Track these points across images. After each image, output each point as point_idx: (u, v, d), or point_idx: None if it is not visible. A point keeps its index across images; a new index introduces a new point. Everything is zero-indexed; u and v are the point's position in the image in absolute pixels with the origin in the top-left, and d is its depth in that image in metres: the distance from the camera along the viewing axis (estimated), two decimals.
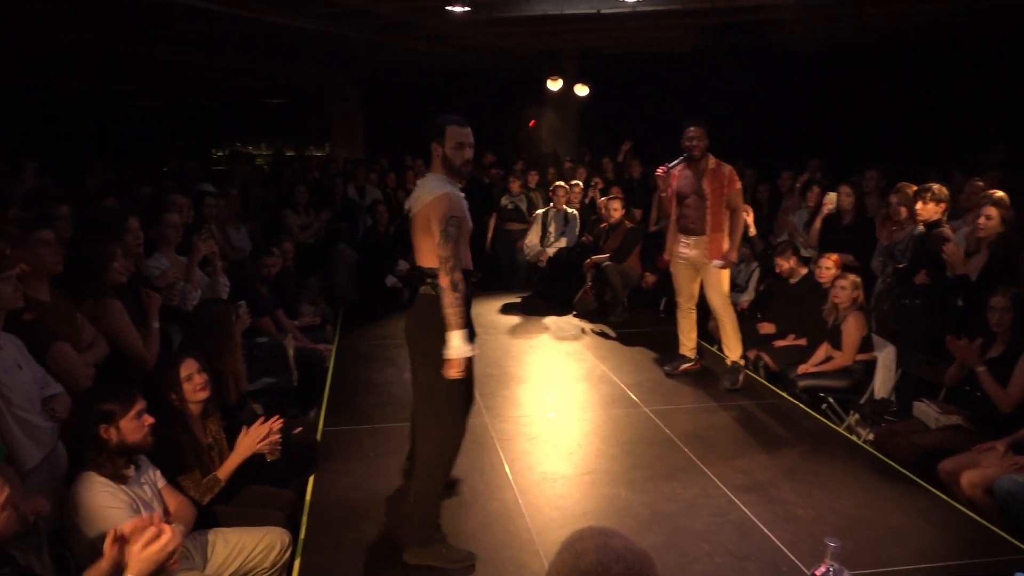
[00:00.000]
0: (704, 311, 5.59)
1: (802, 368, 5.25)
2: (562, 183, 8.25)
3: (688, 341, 5.52)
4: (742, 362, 5.30)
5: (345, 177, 9.14)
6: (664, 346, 6.36)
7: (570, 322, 7.25)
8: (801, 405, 5.03)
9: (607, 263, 7.22)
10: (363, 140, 13.53)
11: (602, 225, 7.65)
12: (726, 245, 5.12)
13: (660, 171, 5.19)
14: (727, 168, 5.09)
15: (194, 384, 3.32)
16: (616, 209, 7.40)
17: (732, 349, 5.28)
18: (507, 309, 7.73)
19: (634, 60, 11.02)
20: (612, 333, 6.82)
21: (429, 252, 2.98)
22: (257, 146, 16.40)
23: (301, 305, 6.27)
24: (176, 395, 3.27)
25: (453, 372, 2.92)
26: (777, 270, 5.87)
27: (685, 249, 5.24)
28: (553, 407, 4.99)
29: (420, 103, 13.40)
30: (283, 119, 15.70)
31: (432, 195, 2.98)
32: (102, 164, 7.86)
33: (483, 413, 4.83)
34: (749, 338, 5.58)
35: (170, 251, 4.63)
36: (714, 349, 5.98)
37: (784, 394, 5.17)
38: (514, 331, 6.89)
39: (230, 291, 4.92)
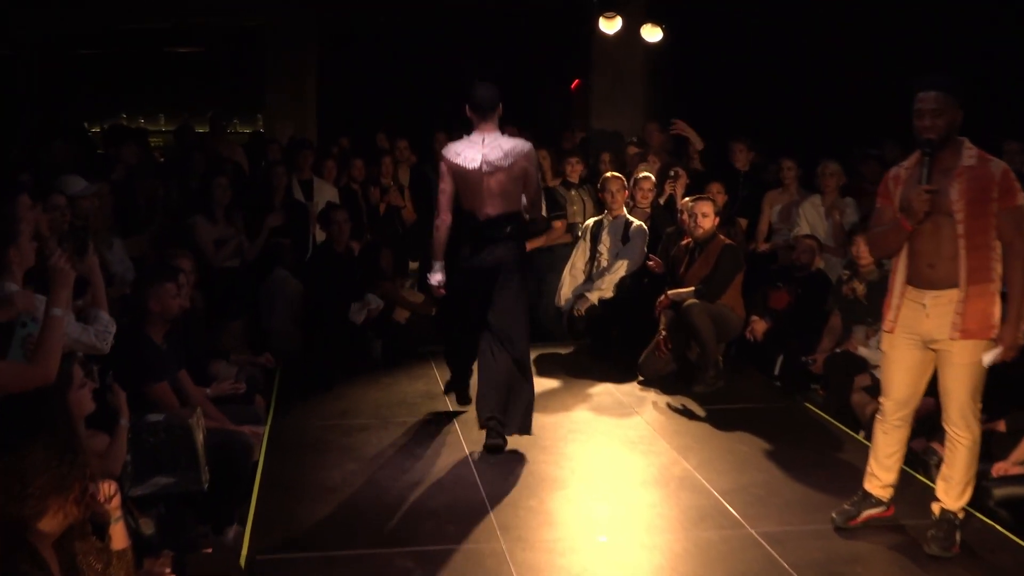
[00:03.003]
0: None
1: (999, 468, 5.15)
2: (615, 175, 8.24)
3: (885, 473, 4.93)
4: (963, 515, 4.78)
5: (288, 166, 9.23)
6: (782, 431, 6.31)
7: (634, 392, 7.22)
8: (998, 527, 4.94)
9: (691, 301, 7.19)
10: (315, 111, 13.64)
11: (684, 241, 7.64)
12: (997, 312, 4.54)
13: (896, 173, 4.60)
14: (998, 166, 4.51)
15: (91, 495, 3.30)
16: (706, 215, 7.38)
17: (954, 492, 4.72)
18: (536, 370, 7.67)
19: None
20: (699, 411, 6.78)
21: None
22: (153, 118, 16.57)
23: (216, 363, 6.29)
24: (65, 505, 3.21)
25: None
26: None
27: (917, 315, 4.67)
28: (606, 527, 4.96)
29: (407, 56, 13.56)
30: (194, 79, 15.84)
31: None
32: None
33: (498, 535, 4.78)
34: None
35: (19, 274, 4.67)
36: (861, 437, 5.88)
37: (970, 509, 5.07)
38: (547, 406, 6.83)
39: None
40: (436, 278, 6.16)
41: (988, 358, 4.49)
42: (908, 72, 4.92)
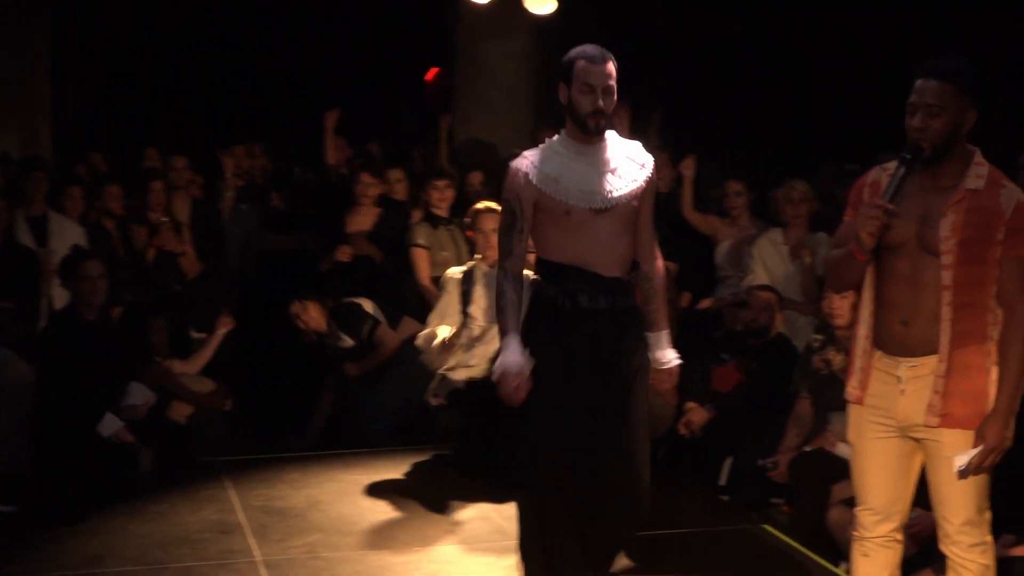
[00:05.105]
0: None
1: None
2: (489, 206, 8.27)
3: None
4: None
5: (11, 196, 9.11)
6: (732, 564, 6.43)
7: None
8: None
9: None
10: (49, 114, 13.50)
11: None
12: (992, 393, 4.67)
13: (873, 197, 4.64)
14: (1012, 196, 4.62)
15: None
16: None
17: None
18: (377, 488, 7.78)
19: None
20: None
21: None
22: None
23: None
24: None
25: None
26: None
27: (889, 391, 4.80)
28: None
29: (187, 38, 13.48)
30: None
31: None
32: None
33: None
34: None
35: None
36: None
37: None
38: (391, 540, 6.89)
39: None
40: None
41: (961, 461, 4.56)
42: (902, 61, 5.06)
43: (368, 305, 9.06)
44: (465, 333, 8.18)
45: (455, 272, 8.37)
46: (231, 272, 10.14)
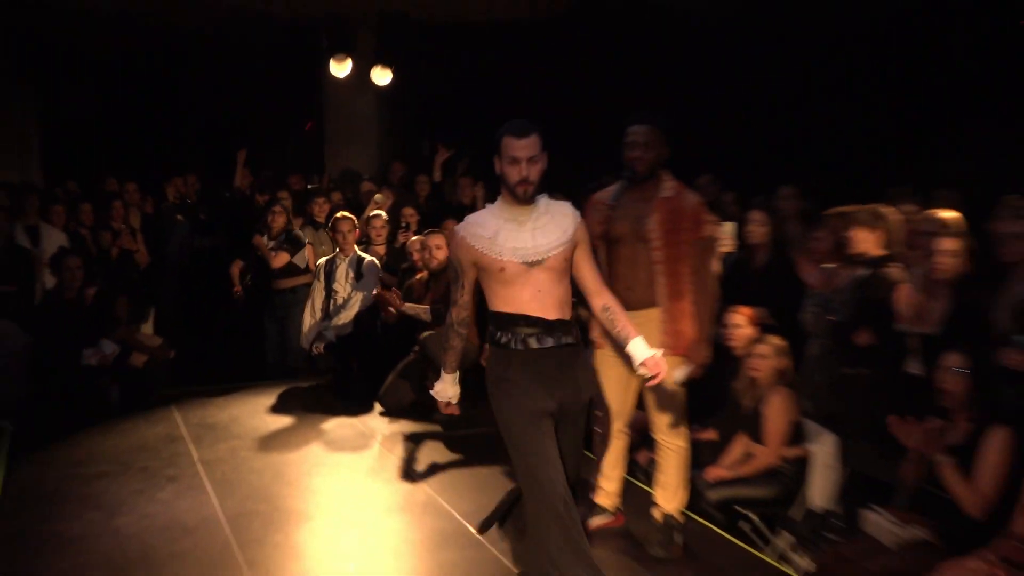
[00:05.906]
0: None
1: (712, 473, 5.56)
2: (344, 215, 8.44)
3: (607, 482, 5.26)
4: (681, 518, 5.12)
5: (12, 211, 8.93)
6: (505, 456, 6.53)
7: (375, 424, 7.35)
8: (713, 527, 5.33)
9: (428, 333, 7.36)
10: (38, 154, 13.14)
11: (418, 276, 7.87)
12: (691, 330, 4.88)
13: (600, 197, 4.89)
14: (692, 199, 4.89)
15: None
16: (440, 247, 7.58)
17: (670, 495, 5.07)
18: (277, 408, 7.80)
19: (463, 34, 11.45)
20: (440, 437, 6.95)
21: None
22: None
23: None
24: None
25: None
26: None
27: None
28: (353, 556, 5.03)
29: (134, 98, 13.26)
30: None
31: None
32: None
33: (244, 574, 4.77)
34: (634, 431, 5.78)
35: None
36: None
37: (690, 513, 5.39)
38: (287, 443, 6.92)
39: None
40: None
41: (680, 375, 4.85)
42: (617, 110, 5.23)
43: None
44: (331, 302, 8.34)
45: (321, 261, 8.56)
46: (171, 264, 10.07)
